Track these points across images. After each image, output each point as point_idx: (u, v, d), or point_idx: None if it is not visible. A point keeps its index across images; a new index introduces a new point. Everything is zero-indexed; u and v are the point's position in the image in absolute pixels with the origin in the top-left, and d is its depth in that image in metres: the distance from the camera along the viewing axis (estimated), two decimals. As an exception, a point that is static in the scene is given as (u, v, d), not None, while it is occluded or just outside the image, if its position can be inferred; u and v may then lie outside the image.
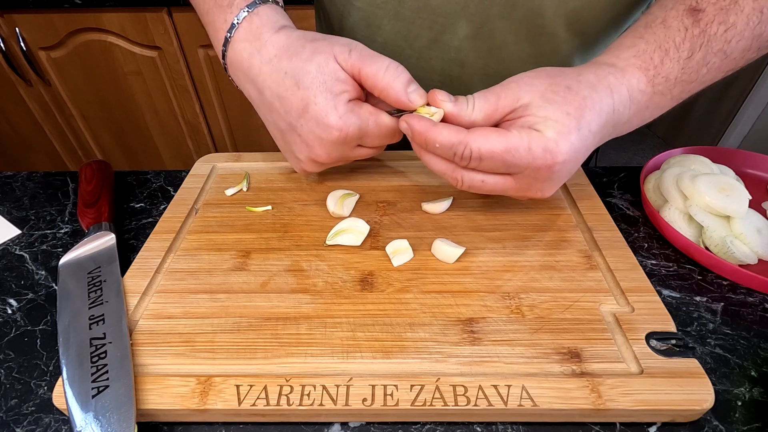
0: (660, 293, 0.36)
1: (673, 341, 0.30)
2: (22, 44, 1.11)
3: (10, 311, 0.36)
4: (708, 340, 0.33)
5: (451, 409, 0.27)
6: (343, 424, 0.28)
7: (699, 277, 0.38)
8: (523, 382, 0.28)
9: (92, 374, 0.28)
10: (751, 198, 0.39)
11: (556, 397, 0.27)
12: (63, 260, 0.37)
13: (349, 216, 0.42)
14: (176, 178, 0.50)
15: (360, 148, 0.39)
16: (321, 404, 0.27)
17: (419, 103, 0.34)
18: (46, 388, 0.30)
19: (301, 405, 0.27)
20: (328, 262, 0.37)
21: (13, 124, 1.33)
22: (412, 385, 0.28)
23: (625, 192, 0.47)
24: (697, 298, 0.36)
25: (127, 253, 0.41)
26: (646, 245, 0.41)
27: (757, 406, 0.29)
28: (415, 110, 0.34)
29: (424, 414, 0.27)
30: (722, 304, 0.35)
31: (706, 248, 0.38)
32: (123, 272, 0.36)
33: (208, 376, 0.28)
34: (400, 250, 0.37)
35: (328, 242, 0.39)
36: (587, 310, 0.32)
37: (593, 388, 0.27)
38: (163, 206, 0.46)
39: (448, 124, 0.33)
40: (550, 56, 0.46)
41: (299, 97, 0.35)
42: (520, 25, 0.43)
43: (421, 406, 0.27)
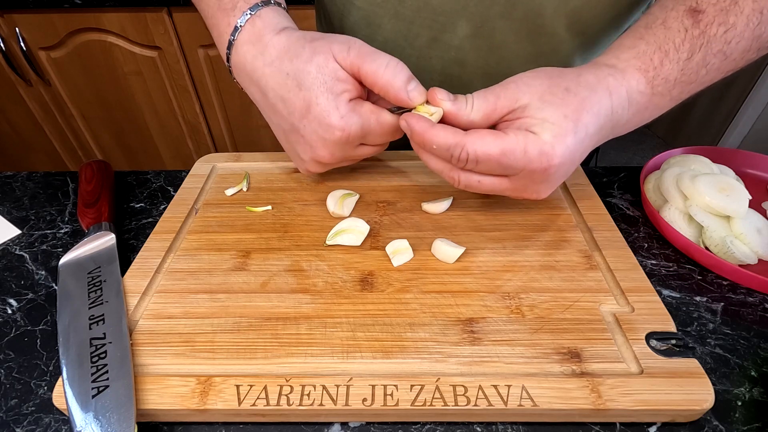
0: (660, 293, 0.36)
1: (673, 341, 0.30)
2: (22, 44, 1.11)
3: (10, 311, 0.36)
4: (708, 340, 0.33)
5: (451, 409, 0.27)
6: (343, 424, 0.28)
7: (699, 277, 0.38)
8: (523, 382, 0.28)
9: (92, 374, 0.28)
10: (751, 198, 0.39)
11: (556, 397, 0.27)
12: (63, 260, 0.37)
13: (349, 216, 0.42)
14: (176, 178, 0.50)
15: (363, 146, 0.39)
16: (321, 404, 0.27)
17: (419, 101, 0.34)
18: (46, 388, 0.30)
19: (301, 405, 0.27)
20: (328, 262, 0.37)
21: (13, 124, 1.33)
22: (412, 385, 0.28)
23: (625, 192, 0.47)
24: (697, 298, 0.36)
25: (127, 253, 0.41)
26: (646, 245, 0.41)
27: (757, 406, 0.29)
28: (416, 108, 0.34)
29: (424, 414, 0.27)
30: (722, 304, 0.35)
31: (706, 248, 0.38)
32: (123, 272, 0.36)
33: (208, 376, 0.28)
34: (400, 250, 0.37)
35: (328, 242, 0.39)
36: (587, 310, 0.32)
37: (593, 388, 0.27)
38: (163, 206, 0.46)
39: (445, 126, 0.33)
40: (551, 56, 0.46)
41: (301, 98, 0.35)
42: (521, 24, 0.43)
43: (421, 406, 0.27)
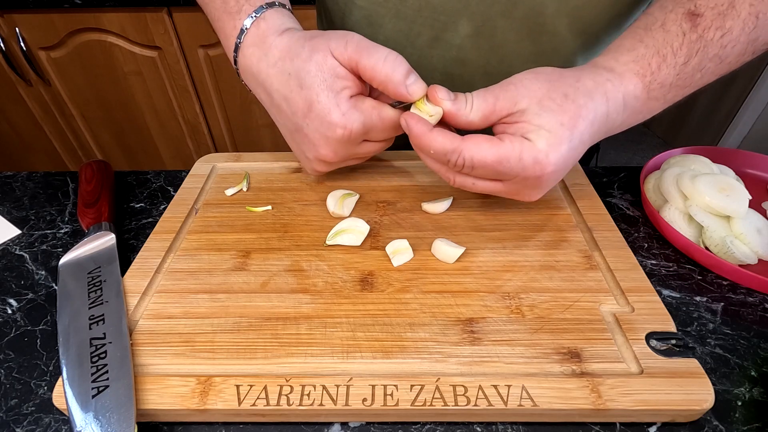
0: (660, 293, 0.36)
1: (673, 341, 0.30)
2: (22, 44, 1.11)
3: (10, 311, 0.36)
4: (708, 340, 0.33)
5: (451, 409, 0.27)
6: (343, 424, 0.28)
7: (699, 277, 0.38)
8: (523, 382, 0.28)
9: (92, 374, 0.28)
10: (751, 198, 0.39)
11: (556, 397, 0.27)
12: (63, 260, 0.37)
13: (349, 216, 0.42)
14: (176, 178, 0.50)
15: (366, 143, 0.39)
16: (321, 404, 0.27)
17: (419, 95, 0.34)
18: (46, 388, 0.30)
19: (301, 405, 0.27)
20: (328, 262, 0.37)
21: (13, 124, 1.33)
22: (412, 385, 0.28)
23: (625, 192, 0.47)
24: (697, 298, 0.36)
25: (127, 253, 0.41)
26: (646, 245, 0.41)
27: (757, 406, 0.29)
28: (416, 101, 0.34)
29: (424, 414, 0.27)
30: (722, 304, 0.35)
31: (706, 248, 0.38)
32: (123, 272, 0.36)
33: (208, 376, 0.28)
34: (400, 250, 0.37)
35: (328, 242, 0.39)
36: (587, 310, 0.32)
37: (593, 388, 0.27)
38: (163, 206, 0.46)
39: (443, 130, 0.33)
40: (552, 55, 0.46)
41: (303, 97, 0.35)
42: (522, 23, 0.43)
43: (421, 406, 0.27)
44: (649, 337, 0.30)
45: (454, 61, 0.48)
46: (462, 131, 0.34)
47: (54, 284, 0.38)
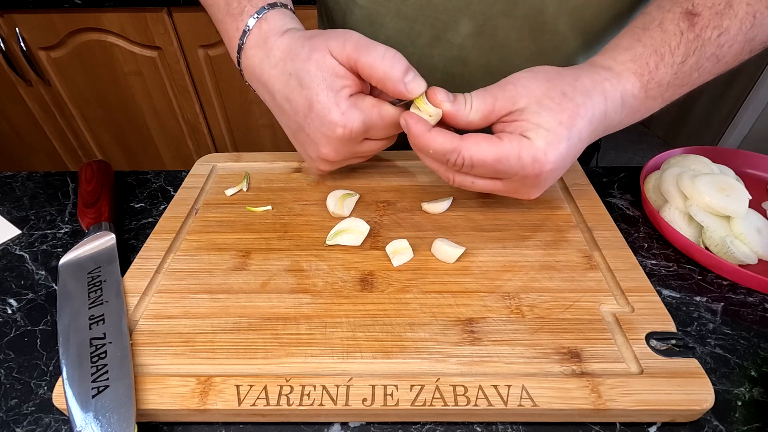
0: (660, 293, 0.36)
1: (673, 341, 0.30)
2: (22, 44, 1.11)
3: (10, 311, 0.36)
4: (708, 340, 0.33)
5: (451, 409, 0.27)
6: (343, 424, 0.28)
7: (699, 277, 0.38)
8: (523, 382, 0.28)
9: (92, 374, 0.28)
10: (751, 198, 0.39)
11: (556, 397, 0.27)
12: (63, 260, 0.37)
13: (349, 216, 0.42)
14: (176, 178, 0.50)
15: (368, 142, 0.39)
16: (321, 404, 0.27)
17: (418, 92, 0.34)
18: (46, 388, 0.30)
19: (301, 405, 0.27)
20: (328, 262, 0.37)
21: (13, 124, 1.33)
22: (412, 385, 0.28)
23: (625, 192, 0.47)
24: (697, 298, 0.36)
25: (127, 253, 0.41)
26: (646, 245, 0.41)
27: (757, 406, 0.29)
28: (417, 98, 0.34)
29: (424, 414, 0.27)
30: (722, 304, 0.35)
31: (706, 248, 0.38)
32: (123, 272, 0.36)
33: (208, 376, 0.28)
34: (400, 250, 0.37)
35: (328, 242, 0.39)
36: (587, 310, 0.32)
37: (593, 388, 0.27)
38: (163, 206, 0.46)
39: (442, 130, 0.33)
40: (553, 54, 0.46)
41: (303, 97, 0.35)
42: (523, 22, 0.43)
43: (421, 406, 0.27)
44: (649, 337, 0.30)
45: (455, 61, 0.48)
46: (461, 131, 0.34)
47: (54, 284, 0.38)
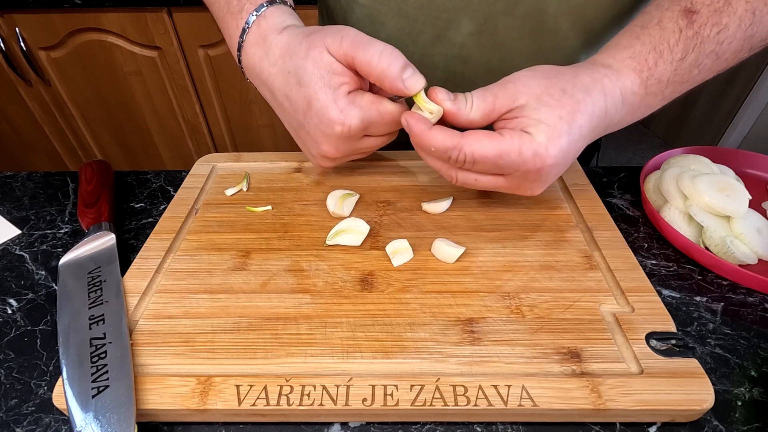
0: (660, 293, 0.36)
1: (673, 341, 0.30)
2: (22, 44, 1.11)
3: (10, 311, 0.36)
4: (708, 340, 0.33)
5: (451, 409, 0.27)
6: (343, 424, 0.28)
7: (699, 277, 0.38)
8: (523, 382, 0.28)
9: (92, 374, 0.28)
10: (751, 198, 0.39)
11: (556, 397, 0.27)
12: (63, 260, 0.37)
13: (349, 216, 0.42)
14: (176, 178, 0.50)
15: (368, 138, 0.38)
16: (321, 404, 0.27)
17: (417, 89, 0.33)
18: (46, 388, 0.30)
19: (301, 405, 0.27)
20: (328, 262, 0.37)
21: (13, 124, 1.33)
22: (412, 385, 0.28)
23: (625, 192, 0.47)
24: (697, 298, 0.36)
25: (127, 253, 0.41)
26: (646, 245, 0.41)
27: (757, 406, 0.29)
28: (415, 95, 0.34)
29: (424, 414, 0.27)
30: (722, 304, 0.35)
31: (706, 248, 0.38)
32: (123, 272, 0.36)
33: (208, 376, 0.28)
34: (400, 250, 0.37)
35: (328, 242, 0.39)
36: (587, 310, 0.32)
37: (593, 388, 0.27)
38: (163, 206, 0.46)
39: (443, 128, 0.33)
40: (554, 53, 0.46)
41: (302, 95, 0.35)
42: (524, 21, 0.43)
43: (421, 406, 0.27)
44: (649, 337, 0.30)
45: (456, 59, 0.48)
46: (463, 130, 0.34)
47: (54, 284, 0.38)
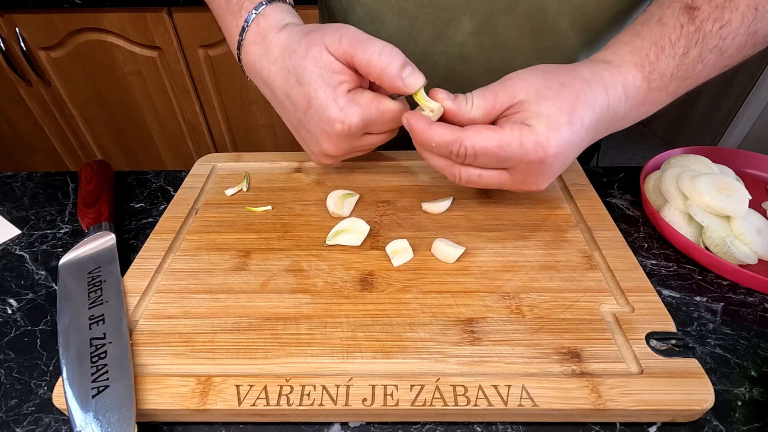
0: (660, 293, 0.36)
1: (673, 341, 0.30)
2: (22, 44, 1.11)
3: (10, 311, 0.36)
4: (708, 340, 0.33)
5: (451, 409, 0.27)
6: (343, 424, 0.28)
7: (699, 277, 0.38)
8: (523, 382, 0.28)
9: (92, 374, 0.28)
10: (751, 198, 0.39)
11: (556, 397, 0.27)
12: (63, 260, 0.37)
13: (349, 216, 0.42)
14: (176, 178, 0.50)
15: (369, 136, 0.38)
16: (321, 404, 0.27)
17: (416, 87, 0.33)
18: (46, 388, 0.30)
19: (301, 405, 0.27)
20: (328, 262, 0.37)
21: (13, 124, 1.33)
22: (412, 385, 0.28)
23: (625, 192, 0.47)
24: (697, 298, 0.36)
25: (127, 253, 0.41)
26: (646, 245, 0.41)
27: (757, 406, 0.29)
28: (415, 92, 0.34)
29: (424, 414, 0.27)
30: (722, 304, 0.35)
31: (706, 248, 0.38)
32: (123, 272, 0.36)
33: (208, 376, 0.28)
34: (400, 250, 0.37)
35: (328, 242, 0.39)
36: (587, 310, 0.32)
37: (593, 388, 0.27)
38: (163, 206, 0.46)
39: (443, 124, 0.33)
40: (554, 52, 0.46)
41: (302, 94, 0.35)
42: (524, 20, 0.43)
43: (421, 406, 0.27)
44: (649, 337, 0.30)
45: (457, 58, 0.48)
46: None
47: (54, 284, 0.38)
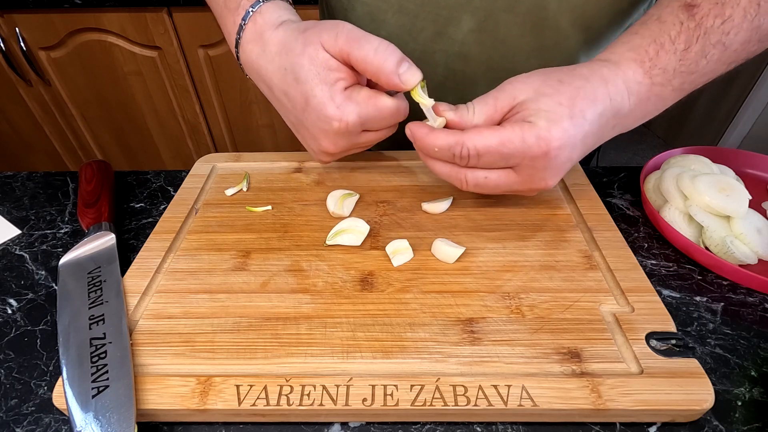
0: (660, 293, 0.36)
1: (673, 341, 0.30)
2: (22, 44, 1.11)
3: (10, 311, 0.36)
4: (708, 340, 0.33)
5: (451, 409, 0.27)
6: (343, 424, 0.28)
7: (699, 277, 0.38)
8: (523, 382, 0.28)
9: (92, 374, 0.28)
10: (751, 198, 0.39)
11: (556, 397, 0.27)
12: (63, 260, 0.37)
13: (349, 216, 0.42)
14: (176, 178, 0.50)
15: (368, 133, 0.38)
16: (321, 404, 0.27)
17: (413, 83, 0.33)
18: (46, 388, 0.30)
19: (301, 405, 0.27)
20: (328, 262, 0.37)
21: (13, 124, 1.33)
22: (412, 385, 0.28)
23: (625, 192, 0.47)
24: (697, 298, 0.36)
25: (127, 253, 0.41)
26: (646, 245, 0.41)
27: (757, 406, 0.29)
28: (412, 89, 0.34)
29: (424, 414, 0.27)
30: (722, 304, 0.35)
31: (706, 248, 0.38)
32: (123, 272, 0.36)
33: (208, 376, 0.28)
34: (400, 250, 0.37)
35: (328, 242, 0.39)
36: (587, 310, 0.32)
37: (593, 388, 0.27)
38: (163, 206, 0.46)
39: (444, 129, 0.34)
40: (554, 51, 0.46)
41: (300, 92, 0.35)
42: (525, 18, 0.43)
43: (421, 406, 0.27)
44: (649, 337, 0.30)
45: (457, 57, 0.48)
46: None
47: (54, 284, 0.38)
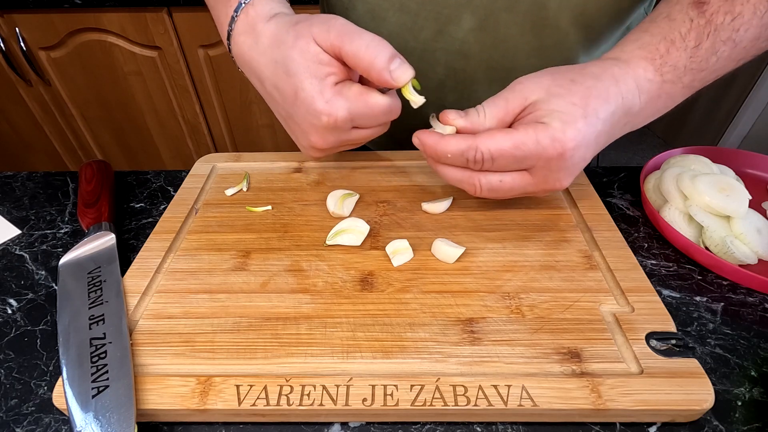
0: (660, 293, 0.36)
1: (673, 341, 0.30)
2: (22, 44, 1.11)
3: (10, 311, 0.36)
4: (708, 340, 0.33)
5: (451, 409, 0.27)
6: (343, 424, 0.28)
7: (699, 277, 0.38)
8: (523, 382, 0.28)
9: (92, 374, 0.28)
10: (751, 198, 0.39)
11: (556, 397, 0.27)
12: (63, 260, 0.37)
13: (349, 216, 0.42)
14: (176, 178, 0.50)
15: (358, 130, 0.37)
16: (321, 404, 0.27)
17: (405, 80, 0.33)
18: (46, 388, 0.30)
19: (301, 405, 0.27)
20: (328, 262, 0.37)
21: (13, 124, 1.33)
22: (412, 385, 0.28)
23: (625, 192, 0.47)
24: (697, 298, 0.36)
25: (127, 253, 0.41)
26: (646, 245, 0.41)
27: (757, 406, 0.29)
28: (403, 86, 0.33)
29: (424, 414, 0.27)
30: (722, 304, 0.35)
31: (706, 248, 0.38)
32: (123, 272, 0.36)
33: (208, 376, 0.28)
34: (400, 250, 0.37)
35: (328, 242, 0.39)
36: (587, 310, 0.32)
37: (593, 388, 0.27)
38: (163, 206, 0.46)
39: (455, 134, 0.34)
40: (554, 49, 0.46)
41: (290, 85, 0.34)
42: (525, 17, 0.43)
43: (421, 406, 0.27)
44: (649, 337, 0.30)
45: (458, 55, 0.48)
46: None
47: (54, 284, 0.38)
